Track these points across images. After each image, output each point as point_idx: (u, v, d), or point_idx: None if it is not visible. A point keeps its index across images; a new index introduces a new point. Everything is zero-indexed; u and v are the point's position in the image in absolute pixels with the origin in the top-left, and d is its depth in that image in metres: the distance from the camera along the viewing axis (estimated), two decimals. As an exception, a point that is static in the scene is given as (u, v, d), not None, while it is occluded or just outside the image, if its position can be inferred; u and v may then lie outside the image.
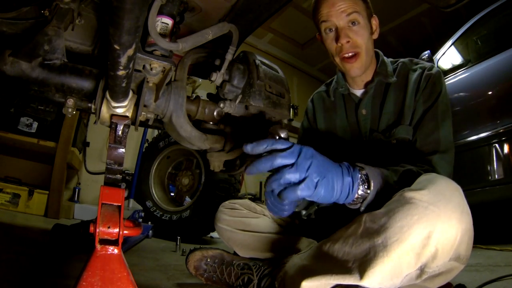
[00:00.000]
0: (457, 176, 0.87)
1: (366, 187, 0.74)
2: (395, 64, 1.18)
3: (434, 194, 0.65)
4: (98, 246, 0.67)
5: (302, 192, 0.66)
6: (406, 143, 1.06)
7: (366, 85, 1.16)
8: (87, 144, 3.45)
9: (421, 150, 1.03)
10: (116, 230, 0.68)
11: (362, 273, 0.64)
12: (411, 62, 1.18)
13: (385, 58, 1.20)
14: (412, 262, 0.63)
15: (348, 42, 1.07)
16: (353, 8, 1.04)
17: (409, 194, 0.67)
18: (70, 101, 0.77)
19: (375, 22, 1.14)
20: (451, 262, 0.68)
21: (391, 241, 0.63)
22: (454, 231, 0.63)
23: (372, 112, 1.14)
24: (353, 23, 1.05)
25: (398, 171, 0.85)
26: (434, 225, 0.62)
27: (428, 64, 1.14)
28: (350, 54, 1.08)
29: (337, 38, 1.07)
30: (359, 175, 0.74)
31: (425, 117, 1.06)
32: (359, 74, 1.13)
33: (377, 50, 1.21)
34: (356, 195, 0.73)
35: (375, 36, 1.15)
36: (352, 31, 1.06)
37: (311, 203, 1.11)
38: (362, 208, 0.76)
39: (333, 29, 1.08)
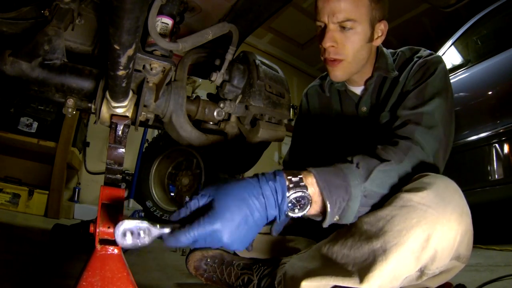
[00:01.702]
0: (457, 176, 0.86)
1: (301, 209, 0.66)
2: (395, 55, 1.07)
3: (432, 196, 0.64)
4: (98, 246, 0.67)
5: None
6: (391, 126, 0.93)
7: (366, 82, 1.06)
8: (87, 144, 3.45)
9: (400, 125, 0.88)
10: (116, 230, 0.68)
11: (362, 277, 0.64)
12: (410, 51, 1.06)
13: (384, 50, 1.07)
14: (411, 265, 0.63)
15: (332, 46, 0.94)
16: (347, 14, 0.90)
17: (407, 196, 0.66)
18: (70, 101, 0.77)
19: (382, 27, 0.98)
20: (451, 261, 0.68)
21: (390, 245, 0.63)
22: (454, 233, 0.63)
23: (372, 108, 1.05)
24: (344, 27, 0.92)
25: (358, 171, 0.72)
26: (433, 228, 0.61)
27: (427, 52, 1.02)
28: (332, 58, 0.97)
29: (321, 38, 0.94)
30: (288, 201, 0.65)
31: (409, 95, 0.93)
32: (340, 80, 1.03)
33: None
34: (291, 219, 0.68)
35: (377, 43, 1.00)
36: (341, 36, 0.93)
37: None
38: (324, 226, 0.69)
39: (322, 27, 0.95)
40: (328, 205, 0.66)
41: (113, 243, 0.68)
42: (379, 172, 0.72)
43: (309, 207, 0.67)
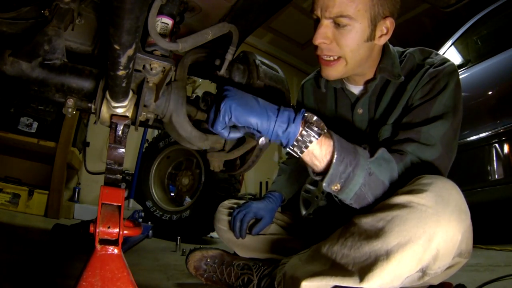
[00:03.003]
0: (457, 176, 0.86)
1: (316, 132, 0.71)
2: (403, 56, 0.98)
3: (431, 196, 0.64)
4: (98, 246, 0.67)
5: (220, 121, 0.72)
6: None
7: (367, 83, 0.99)
8: (87, 144, 3.45)
9: (397, 141, 0.86)
10: (116, 230, 0.68)
11: (362, 276, 0.64)
12: (421, 53, 0.97)
13: (391, 49, 0.98)
14: (412, 266, 0.63)
15: (324, 43, 0.87)
16: (341, 9, 0.81)
17: (406, 197, 0.66)
18: (70, 101, 0.77)
19: (388, 25, 0.88)
20: (454, 258, 0.68)
21: (391, 246, 0.63)
22: (456, 232, 0.63)
23: (370, 112, 1.00)
24: (339, 24, 0.84)
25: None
26: (434, 228, 0.61)
27: (438, 59, 0.93)
28: (325, 57, 0.90)
29: (314, 34, 0.88)
30: (304, 115, 0.72)
31: (413, 111, 0.88)
32: (332, 79, 0.98)
33: None
34: (299, 134, 0.71)
35: (381, 41, 0.91)
36: (335, 33, 0.85)
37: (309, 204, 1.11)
38: (324, 184, 0.72)
39: (316, 20, 0.88)
40: (335, 156, 0.70)
41: (113, 243, 0.68)
42: (381, 157, 0.76)
43: (323, 134, 0.72)
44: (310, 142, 0.71)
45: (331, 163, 0.71)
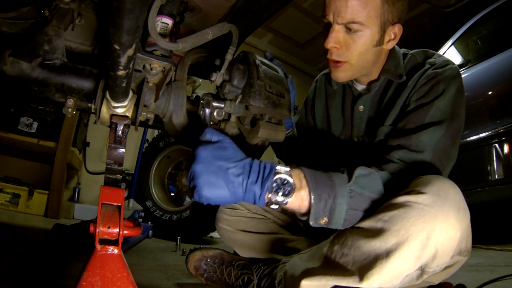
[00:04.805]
0: (457, 176, 0.85)
1: (287, 194, 0.68)
2: (406, 58, 1.00)
3: (429, 195, 0.64)
4: (98, 246, 0.67)
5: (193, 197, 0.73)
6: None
7: (370, 83, 1.01)
8: (87, 144, 3.45)
9: (389, 147, 0.86)
10: (116, 230, 0.68)
11: (361, 275, 0.64)
12: (424, 54, 0.98)
13: (397, 50, 0.99)
14: (411, 264, 0.63)
15: (335, 48, 0.89)
16: (353, 15, 0.83)
17: (404, 198, 0.66)
18: (70, 101, 0.77)
19: (396, 30, 0.91)
20: (454, 257, 0.68)
21: (390, 245, 0.63)
22: (454, 230, 0.63)
23: (370, 110, 1.02)
24: (350, 29, 0.86)
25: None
26: (432, 226, 0.62)
27: (440, 60, 0.93)
28: (334, 60, 0.92)
29: (325, 38, 0.90)
30: (273, 180, 0.67)
31: (409, 115, 0.88)
32: (341, 81, 1.00)
33: None
34: (269, 204, 0.68)
35: (389, 46, 0.93)
36: (346, 38, 0.88)
37: None
38: (311, 222, 0.70)
39: (327, 24, 0.90)
40: (312, 197, 0.69)
41: (113, 243, 0.68)
42: (360, 176, 0.73)
43: (293, 194, 0.68)
44: (285, 204, 0.69)
45: (310, 204, 0.70)
